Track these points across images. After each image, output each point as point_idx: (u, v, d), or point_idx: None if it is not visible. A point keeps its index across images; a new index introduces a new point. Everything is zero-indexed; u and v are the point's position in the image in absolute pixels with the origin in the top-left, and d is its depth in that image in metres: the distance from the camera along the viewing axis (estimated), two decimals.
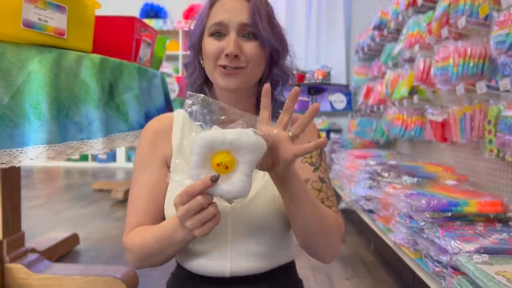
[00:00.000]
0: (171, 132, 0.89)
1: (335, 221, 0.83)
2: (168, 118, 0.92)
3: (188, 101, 0.70)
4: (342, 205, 2.53)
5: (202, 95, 0.71)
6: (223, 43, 0.81)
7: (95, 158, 5.54)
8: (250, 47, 0.81)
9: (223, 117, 0.71)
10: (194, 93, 0.71)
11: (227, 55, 0.79)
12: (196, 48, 0.87)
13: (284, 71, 0.89)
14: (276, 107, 0.89)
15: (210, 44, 0.82)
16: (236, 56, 0.80)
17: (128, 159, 5.58)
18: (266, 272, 0.86)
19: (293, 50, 0.90)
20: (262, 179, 0.83)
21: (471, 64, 1.66)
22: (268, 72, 0.87)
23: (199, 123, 0.71)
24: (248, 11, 0.81)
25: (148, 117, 1.57)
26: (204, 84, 0.89)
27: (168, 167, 0.88)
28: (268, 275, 0.86)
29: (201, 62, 0.88)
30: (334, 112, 4.73)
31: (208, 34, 0.83)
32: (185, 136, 0.88)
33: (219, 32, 0.82)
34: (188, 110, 0.71)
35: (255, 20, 0.81)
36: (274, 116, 0.88)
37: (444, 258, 1.29)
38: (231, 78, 0.81)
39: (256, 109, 0.89)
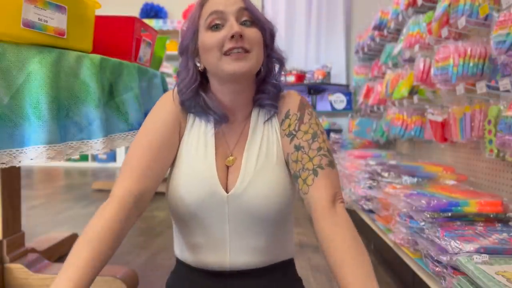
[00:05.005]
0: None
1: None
2: None
3: None
4: None
5: None
6: (224, 31, 0.80)
7: (95, 158, 5.54)
8: (251, 32, 0.81)
9: None
10: None
11: (232, 36, 0.78)
12: (190, 50, 0.85)
13: (280, 55, 0.89)
14: (270, 89, 0.87)
15: (210, 37, 0.81)
16: (241, 36, 0.79)
17: None
18: (265, 267, 0.87)
19: (278, 32, 0.90)
20: (254, 169, 0.83)
21: (471, 64, 1.66)
22: (265, 58, 0.87)
23: None
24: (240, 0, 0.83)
25: None
26: (200, 88, 0.86)
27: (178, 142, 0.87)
28: (267, 270, 0.87)
29: (197, 65, 0.86)
30: (334, 112, 4.73)
31: (205, 28, 0.82)
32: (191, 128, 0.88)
33: (217, 24, 0.81)
34: None
35: (250, 6, 0.83)
36: (270, 98, 0.87)
37: (444, 258, 1.29)
38: (241, 61, 0.79)
39: (252, 102, 0.89)
